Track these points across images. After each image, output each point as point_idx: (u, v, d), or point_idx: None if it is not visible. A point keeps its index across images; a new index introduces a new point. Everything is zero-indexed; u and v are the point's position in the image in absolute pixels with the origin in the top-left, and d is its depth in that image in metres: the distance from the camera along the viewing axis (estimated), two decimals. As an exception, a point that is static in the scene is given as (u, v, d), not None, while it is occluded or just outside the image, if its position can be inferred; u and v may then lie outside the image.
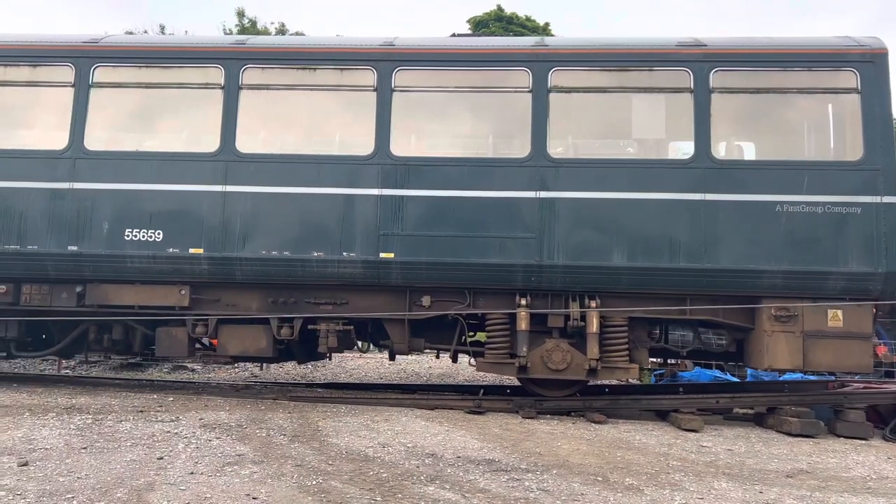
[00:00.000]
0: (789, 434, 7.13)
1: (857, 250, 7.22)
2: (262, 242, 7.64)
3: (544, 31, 29.85)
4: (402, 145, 7.79)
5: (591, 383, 8.37)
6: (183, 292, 7.90)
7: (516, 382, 8.94)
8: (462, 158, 7.78)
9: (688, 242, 7.36)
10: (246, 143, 7.84)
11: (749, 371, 10.00)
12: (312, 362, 12.27)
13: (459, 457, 5.48)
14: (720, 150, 7.63)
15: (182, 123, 8.24)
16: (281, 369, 12.65)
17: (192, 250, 7.70)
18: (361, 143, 7.75)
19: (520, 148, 7.70)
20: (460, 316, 7.84)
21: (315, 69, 7.93)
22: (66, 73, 8.04)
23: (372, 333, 8.36)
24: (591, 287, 7.57)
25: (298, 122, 8.18)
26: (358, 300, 7.91)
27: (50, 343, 8.69)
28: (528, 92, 7.68)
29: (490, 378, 10.52)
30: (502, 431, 6.56)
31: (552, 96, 7.66)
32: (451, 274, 7.58)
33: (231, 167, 7.74)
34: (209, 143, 7.85)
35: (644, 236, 7.42)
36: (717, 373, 10.80)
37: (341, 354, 13.24)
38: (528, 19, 30.27)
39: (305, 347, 8.27)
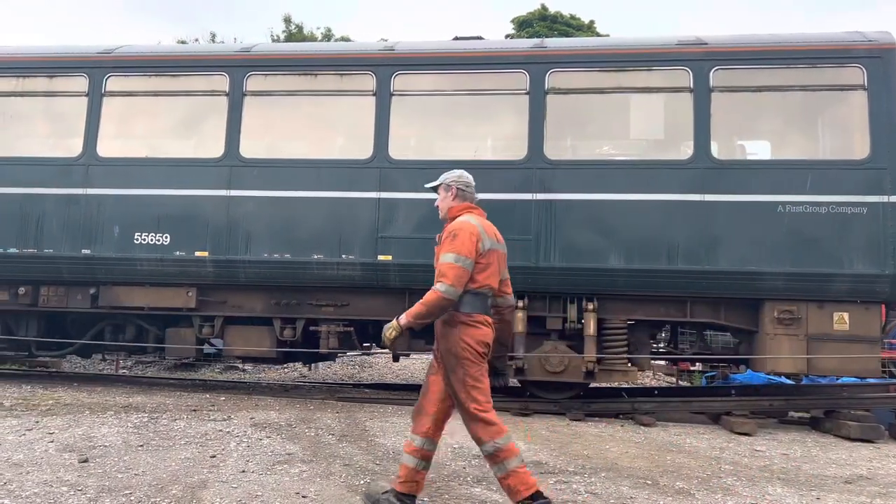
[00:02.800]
0: (847, 438, 6.96)
1: (863, 251, 7.05)
2: (265, 245, 7.83)
3: (589, 28, 29.73)
4: (401, 149, 7.89)
5: (591, 385, 8.36)
6: (190, 294, 8.13)
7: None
8: (459, 161, 7.56)
9: (687, 244, 7.30)
10: (249, 148, 8.04)
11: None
12: (329, 362, 12.45)
13: None
14: (720, 150, 7.55)
15: (189, 130, 8.50)
16: (329, 370, 12.86)
17: (197, 253, 7.93)
18: (361, 146, 7.87)
19: (517, 150, 7.72)
20: None
21: (316, 75, 8.09)
22: (81, 83, 8.36)
23: (373, 335, 8.43)
24: (589, 289, 7.55)
25: (300, 128, 8.37)
26: (359, 302, 8.03)
27: (68, 343, 8.99)
28: (526, 94, 7.70)
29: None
30: (549, 433, 6.53)
31: (549, 98, 7.67)
32: (448, 276, 7.68)
33: (235, 172, 7.96)
34: (214, 148, 8.08)
35: (642, 238, 7.37)
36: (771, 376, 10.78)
37: (387, 356, 13.45)
38: (572, 17, 30.16)
39: (308, 349, 8.41)
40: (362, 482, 4.60)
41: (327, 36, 28.66)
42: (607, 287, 7.54)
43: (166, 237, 7.96)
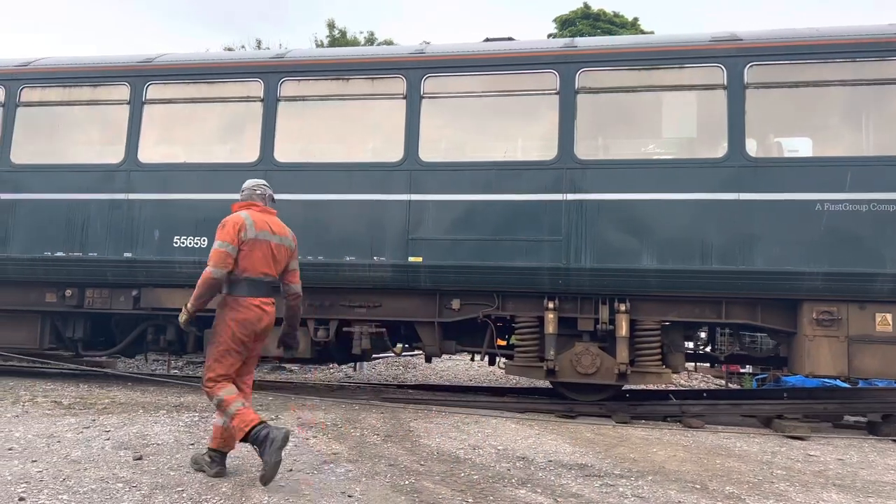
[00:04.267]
0: (908, 443, 6.73)
1: (907, 250, 6.84)
2: (300, 247, 7.89)
3: (633, 26, 29.41)
4: (431, 151, 7.93)
5: (623, 388, 8.28)
6: (228, 295, 8.36)
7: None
8: (489, 162, 7.85)
9: (721, 244, 7.18)
10: (283, 152, 8.19)
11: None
12: (358, 363, 12.63)
13: (551, 461, 5.44)
14: (755, 148, 7.40)
15: (226, 135, 8.69)
16: (373, 370, 13.02)
17: None
18: (392, 149, 7.96)
19: (547, 150, 7.70)
20: (489, 319, 7.93)
21: (348, 79, 8.20)
22: (123, 91, 8.64)
23: (405, 335, 8.54)
24: (621, 290, 7.48)
25: (332, 131, 8.46)
26: (390, 303, 8.10)
27: (112, 343, 9.29)
28: (556, 94, 7.68)
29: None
30: (595, 436, 6.50)
31: (580, 97, 7.64)
32: (478, 277, 7.67)
33: (269, 176, 8.00)
34: (250, 153, 8.26)
35: (675, 238, 7.28)
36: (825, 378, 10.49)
37: (435, 358, 13.51)
38: (616, 15, 29.87)
39: (342, 349, 8.53)
40: (407, 483, 4.63)
41: (370, 40, 28.93)
42: (640, 288, 7.46)
43: (204, 240, 8.17)
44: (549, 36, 29.24)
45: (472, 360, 9.21)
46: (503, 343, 8.37)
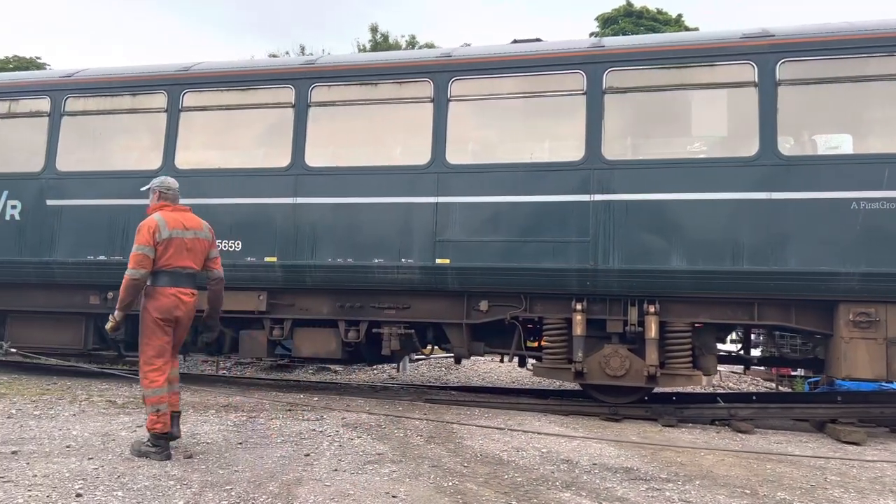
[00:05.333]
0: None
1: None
2: (329, 250, 8.09)
3: (676, 23, 28.99)
4: (458, 153, 7.98)
5: (655, 390, 8.20)
6: (261, 298, 8.49)
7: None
8: (516, 163, 7.84)
9: (752, 244, 7.05)
10: (314, 157, 8.33)
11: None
12: (390, 364, 12.74)
13: (595, 464, 5.37)
14: (787, 146, 7.25)
15: (258, 141, 8.87)
16: (416, 371, 13.10)
17: (267, 259, 8.27)
18: (419, 152, 8.02)
19: (574, 151, 7.66)
20: (516, 320, 7.92)
21: (376, 84, 8.30)
22: (161, 99, 8.89)
23: (434, 336, 8.59)
24: (650, 291, 7.41)
25: (361, 136, 8.57)
26: (419, 304, 8.17)
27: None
28: (583, 94, 7.64)
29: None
30: (640, 439, 6.44)
31: (607, 97, 7.59)
32: (505, 279, 7.68)
33: (300, 180, 8.27)
34: (282, 158, 8.41)
35: (705, 239, 7.18)
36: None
37: (471, 359, 13.56)
38: (659, 12, 29.47)
39: (372, 350, 8.63)
40: (451, 484, 4.64)
41: (412, 43, 29.13)
42: (669, 289, 7.37)
43: (238, 244, 8.37)
44: (592, 34, 29.01)
45: (502, 361, 9.21)
46: (535, 345, 8.35)
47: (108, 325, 5.30)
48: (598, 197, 7.47)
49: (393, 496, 4.31)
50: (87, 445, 5.36)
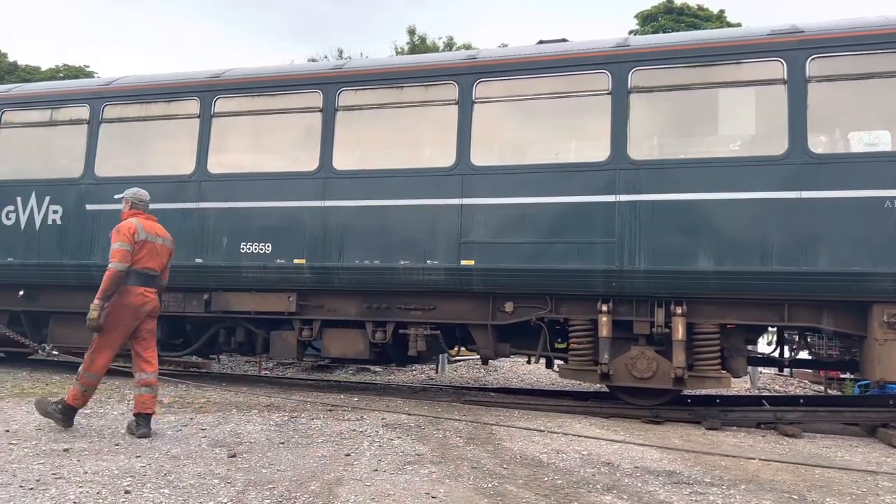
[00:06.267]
0: None
1: None
2: (356, 252, 8.19)
3: (718, 19, 28.50)
4: (483, 155, 8.00)
5: (682, 392, 8.09)
6: (291, 299, 8.64)
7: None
8: (541, 164, 7.83)
9: (782, 244, 6.92)
10: (341, 160, 8.44)
11: None
12: (428, 365, 12.90)
13: (637, 467, 5.29)
14: (817, 144, 7.10)
15: (287, 145, 9.03)
16: (455, 373, 13.15)
17: (296, 261, 8.40)
18: (444, 154, 8.07)
19: (600, 151, 7.62)
20: (542, 321, 7.89)
21: (402, 87, 8.38)
22: (193, 106, 9.11)
23: (460, 337, 8.63)
24: (677, 293, 7.32)
25: (387, 139, 8.65)
26: (445, 306, 8.21)
27: (188, 345, 9.79)
28: (608, 94, 7.60)
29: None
30: (683, 442, 6.35)
31: (633, 97, 7.53)
32: (530, 280, 7.68)
33: (328, 183, 8.39)
34: (310, 162, 8.54)
35: (733, 239, 7.07)
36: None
37: (510, 360, 13.56)
38: (700, 9, 29.00)
39: (399, 350, 8.68)
40: (490, 486, 4.65)
41: (449, 45, 29.20)
42: (696, 290, 7.28)
43: (268, 246, 8.52)
44: (631, 32, 28.71)
45: (528, 362, 9.19)
46: (564, 346, 8.32)
47: (94, 315, 5.69)
48: (624, 197, 7.41)
49: (433, 497, 4.32)
50: (134, 444, 5.51)
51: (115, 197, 6.47)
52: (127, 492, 4.19)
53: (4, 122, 9.89)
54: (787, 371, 12.27)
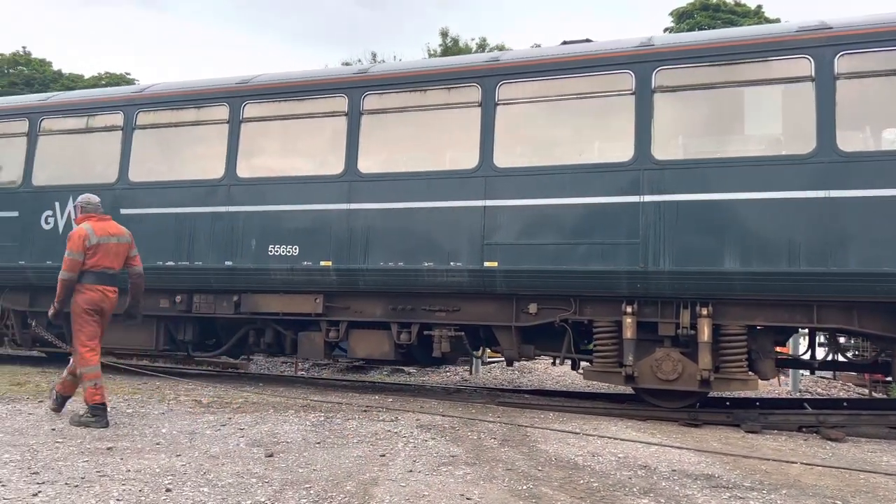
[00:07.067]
0: None
1: None
2: (381, 254, 8.26)
3: (756, 15, 27.99)
4: (506, 157, 8.00)
5: (709, 395, 7.97)
6: (317, 301, 8.74)
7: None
8: (564, 165, 7.79)
9: (810, 244, 6.80)
10: (366, 163, 8.52)
11: None
12: (474, 366, 12.94)
13: (675, 470, 5.23)
14: (847, 142, 6.92)
15: (314, 149, 9.14)
16: (489, 374, 13.19)
17: (322, 263, 8.51)
18: (468, 157, 8.10)
19: (623, 151, 7.55)
20: (566, 323, 7.86)
21: (426, 90, 8.42)
22: (223, 111, 9.27)
23: (485, 339, 8.65)
24: (702, 294, 7.23)
25: (411, 142, 8.71)
26: (469, 307, 8.23)
27: (219, 345, 9.99)
28: (632, 94, 7.54)
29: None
30: (722, 446, 6.27)
31: (657, 96, 7.46)
32: (554, 281, 7.66)
33: (353, 186, 8.48)
34: (336, 165, 8.64)
35: (759, 239, 6.97)
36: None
37: (544, 362, 13.49)
38: (737, 4, 28.53)
39: (424, 351, 8.72)
40: (525, 488, 4.64)
41: (482, 46, 29.18)
42: (722, 291, 7.19)
43: (295, 249, 8.64)
44: (666, 30, 28.39)
45: (553, 364, 9.16)
46: (588, 347, 8.29)
47: (51, 313, 6.40)
48: (648, 198, 7.35)
49: (467, 498, 4.32)
50: (174, 443, 5.63)
51: (75, 204, 7.17)
52: (168, 490, 4.28)
53: (43, 130, 10.22)
54: (830, 374, 12.02)
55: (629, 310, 7.46)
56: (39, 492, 4.11)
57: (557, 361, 8.43)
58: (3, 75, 32.81)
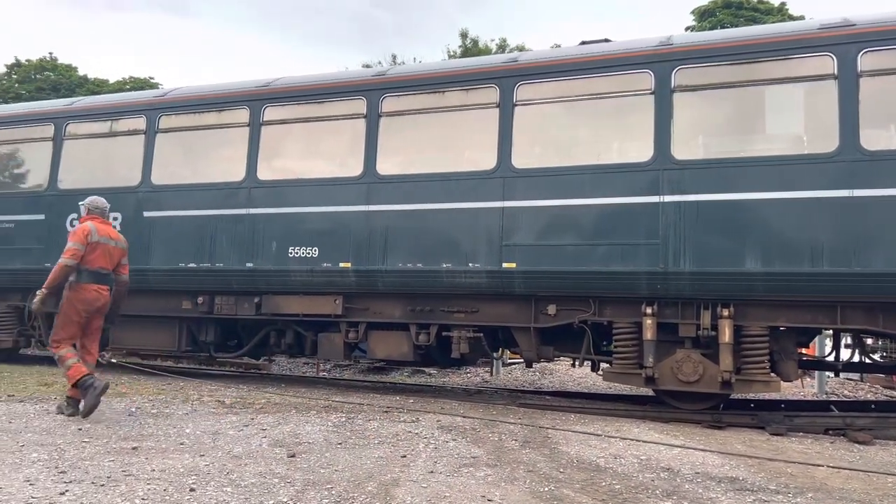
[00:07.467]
0: None
1: None
2: (400, 256, 8.30)
3: (779, 12, 27.66)
4: (524, 157, 7.99)
5: (733, 397, 7.91)
6: (337, 302, 8.79)
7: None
8: (582, 166, 7.76)
9: (833, 244, 6.72)
10: (384, 165, 8.56)
11: None
12: (495, 367, 12.92)
13: (698, 472, 5.17)
14: (871, 140, 6.83)
15: (333, 151, 9.18)
16: (510, 375, 13.17)
17: (342, 264, 8.56)
18: (485, 158, 8.10)
19: (643, 151, 7.51)
20: (585, 324, 7.83)
21: (444, 92, 8.44)
22: (243, 114, 9.36)
23: (503, 340, 8.65)
24: (723, 294, 7.17)
25: (429, 143, 8.73)
26: (488, 308, 8.23)
27: (241, 346, 10.09)
28: (651, 94, 7.50)
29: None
30: (746, 448, 6.18)
31: (676, 96, 7.42)
32: (573, 282, 7.64)
33: (372, 188, 8.52)
34: (355, 167, 8.69)
35: (781, 239, 6.90)
36: None
37: (565, 363, 13.43)
38: (760, 2, 28.18)
39: (443, 353, 8.73)
40: (546, 490, 4.62)
41: (502, 47, 29.13)
42: (743, 292, 7.13)
43: (315, 250, 8.70)
44: (687, 29, 28.16)
45: (573, 366, 9.12)
46: (608, 349, 8.25)
47: (37, 300, 6.52)
48: (668, 198, 7.31)
49: (489, 500, 4.31)
50: (198, 443, 5.65)
51: (79, 203, 7.28)
52: (192, 489, 4.30)
53: (68, 134, 10.39)
54: (857, 375, 11.85)
55: (649, 311, 7.41)
56: (67, 490, 4.16)
57: (577, 363, 8.38)
58: (31, 81, 33.34)
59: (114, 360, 9.71)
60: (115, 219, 9.74)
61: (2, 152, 11.04)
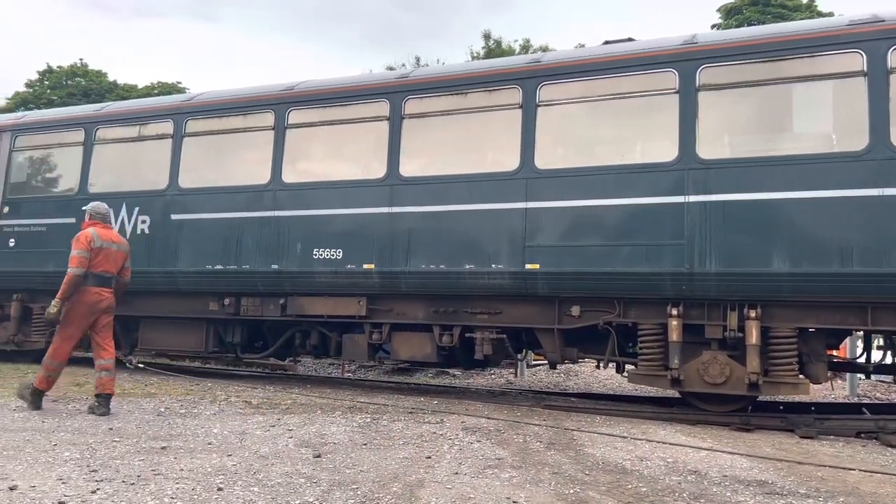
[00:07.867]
0: None
1: None
2: (423, 257, 8.32)
3: (808, 9, 27.30)
4: (548, 158, 7.97)
5: (761, 399, 7.84)
6: (361, 303, 8.85)
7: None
8: (606, 166, 7.71)
9: (863, 244, 6.60)
10: (407, 167, 8.59)
11: None
12: (520, 369, 12.92)
13: (726, 476, 5.11)
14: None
15: (357, 154, 9.22)
16: (534, 377, 13.16)
17: (365, 266, 8.61)
18: (508, 159, 8.09)
19: (667, 151, 7.45)
20: (610, 326, 7.77)
21: (466, 93, 8.45)
22: (268, 118, 9.46)
23: (527, 342, 8.62)
24: (750, 295, 7.08)
25: (452, 145, 8.73)
26: (511, 309, 8.21)
27: (266, 347, 10.18)
28: (675, 93, 7.44)
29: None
30: (775, 451, 6.09)
31: (701, 95, 7.35)
32: (597, 283, 7.60)
33: (395, 190, 8.56)
34: (378, 169, 8.74)
35: (810, 239, 6.80)
36: None
37: (590, 365, 13.35)
38: (788, -1, 27.84)
39: (466, 354, 8.72)
40: (572, 492, 4.60)
41: (525, 48, 29.10)
42: (771, 293, 7.03)
43: (339, 252, 8.76)
44: (713, 27, 27.88)
45: (598, 367, 9.06)
46: (634, 350, 8.19)
47: (53, 311, 6.66)
48: (693, 198, 7.24)
49: (514, 502, 4.30)
50: (226, 443, 5.73)
51: (82, 209, 7.39)
52: (220, 489, 4.35)
53: (98, 139, 10.59)
54: (890, 377, 11.62)
55: (675, 312, 7.34)
56: (98, 489, 4.24)
57: (601, 365, 8.32)
58: (62, 86, 34.02)
59: (140, 365, 9.82)
60: (143, 222, 9.97)
61: (35, 157, 11.30)
